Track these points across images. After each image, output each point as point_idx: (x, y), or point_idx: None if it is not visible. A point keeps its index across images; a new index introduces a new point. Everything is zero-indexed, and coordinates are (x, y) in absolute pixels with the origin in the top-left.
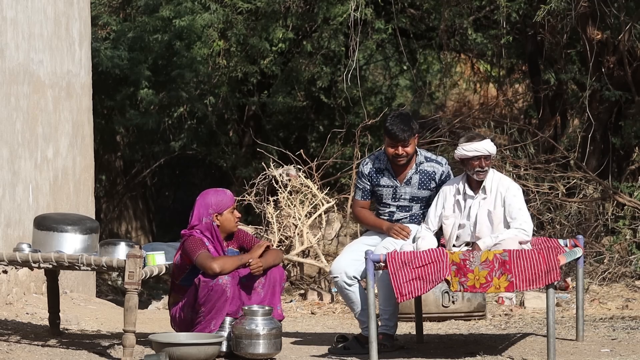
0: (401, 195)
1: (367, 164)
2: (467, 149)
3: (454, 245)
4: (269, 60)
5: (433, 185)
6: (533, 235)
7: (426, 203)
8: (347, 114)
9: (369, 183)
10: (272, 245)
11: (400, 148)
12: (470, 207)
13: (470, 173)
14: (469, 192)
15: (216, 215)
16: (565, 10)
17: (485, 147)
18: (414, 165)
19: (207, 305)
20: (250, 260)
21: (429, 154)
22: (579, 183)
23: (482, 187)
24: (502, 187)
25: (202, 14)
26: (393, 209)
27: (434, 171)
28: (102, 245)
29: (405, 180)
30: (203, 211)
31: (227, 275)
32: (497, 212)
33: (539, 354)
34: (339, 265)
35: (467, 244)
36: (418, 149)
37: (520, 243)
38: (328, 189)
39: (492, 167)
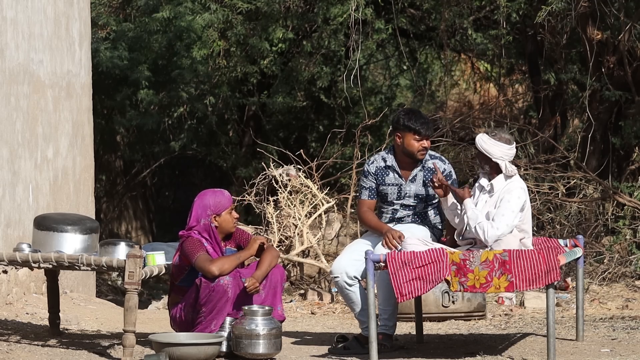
0: (406, 194)
1: (372, 162)
2: (477, 139)
3: (460, 238)
4: (269, 60)
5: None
6: (533, 235)
7: (430, 202)
8: (347, 114)
9: (374, 182)
10: (270, 243)
11: (425, 141)
12: (478, 202)
13: None
14: (485, 185)
15: (214, 217)
16: (565, 11)
17: (476, 141)
18: (420, 162)
19: (208, 305)
20: (245, 284)
21: (432, 152)
22: (579, 183)
23: (490, 184)
24: (506, 189)
25: (202, 14)
26: (397, 206)
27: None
28: (102, 245)
29: (410, 178)
30: (201, 212)
31: (229, 276)
32: (493, 213)
33: (539, 354)
34: (340, 265)
35: (471, 242)
36: None
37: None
38: (328, 189)
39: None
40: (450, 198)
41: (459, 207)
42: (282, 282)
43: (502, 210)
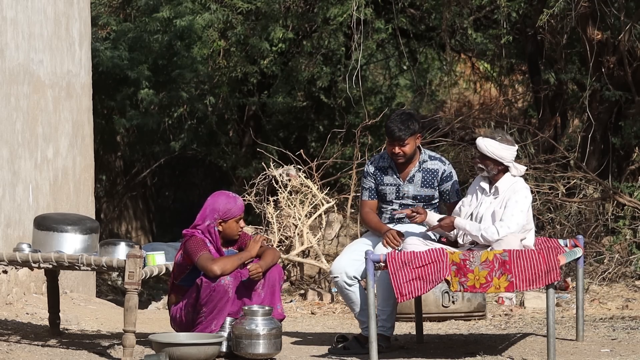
0: (404, 194)
1: (371, 163)
2: (483, 145)
3: (461, 243)
4: (269, 60)
5: (436, 183)
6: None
7: (429, 202)
8: (347, 114)
9: (373, 182)
10: (270, 243)
11: (397, 147)
12: (481, 204)
13: None
14: (486, 187)
15: (220, 222)
16: (565, 11)
17: (483, 146)
18: (417, 163)
19: (209, 305)
20: (248, 267)
21: (432, 153)
22: (579, 183)
23: (494, 187)
24: (511, 190)
25: (202, 14)
26: (396, 206)
27: (436, 169)
28: (102, 245)
29: (408, 179)
30: (209, 214)
31: (229, 276)
32: (500, 213)
33: (539, 354)
34: (339, 265)
35: (472, 242)
36: (422, 148)
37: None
38: (328, 189)
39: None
40: (432, 218)
41: (452, 232)
42: (280, 281)
43: (511, 210)
